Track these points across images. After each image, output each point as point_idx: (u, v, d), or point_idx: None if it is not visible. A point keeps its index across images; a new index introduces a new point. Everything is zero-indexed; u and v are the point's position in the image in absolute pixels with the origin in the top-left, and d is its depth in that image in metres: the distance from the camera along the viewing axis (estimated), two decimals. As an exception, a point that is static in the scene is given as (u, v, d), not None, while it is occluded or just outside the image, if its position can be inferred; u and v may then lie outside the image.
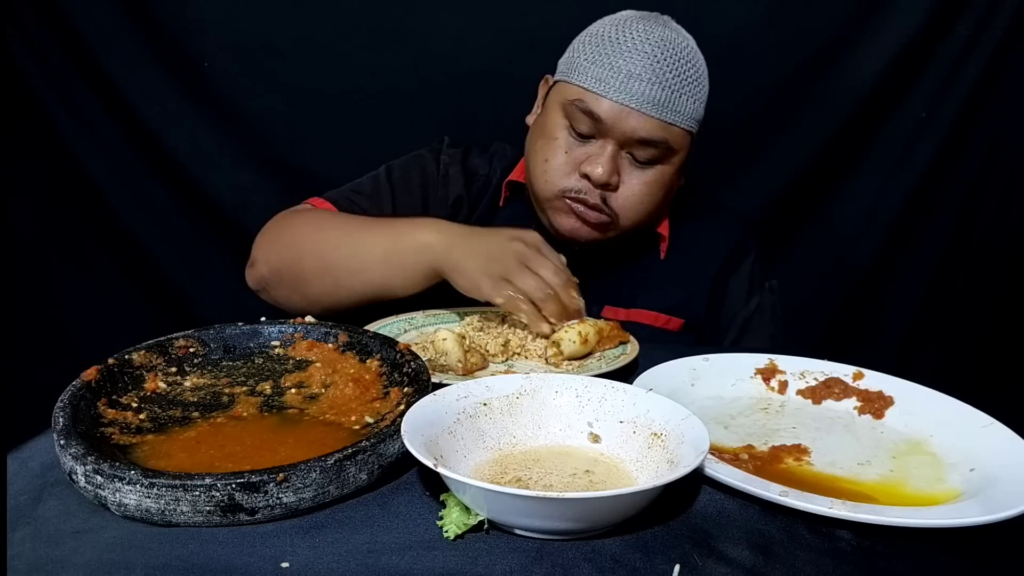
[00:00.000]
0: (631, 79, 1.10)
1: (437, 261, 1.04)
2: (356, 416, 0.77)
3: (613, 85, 1.11)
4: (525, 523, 0.60)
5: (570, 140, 1.16)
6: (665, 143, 1.13)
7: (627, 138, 1.13)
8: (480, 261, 1.02)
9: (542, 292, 1.00)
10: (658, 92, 1.11)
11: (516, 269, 1.00)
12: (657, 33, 1.13)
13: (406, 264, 1.06)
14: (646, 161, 1.15)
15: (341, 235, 1.12)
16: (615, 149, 1.14)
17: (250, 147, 1.70)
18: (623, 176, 1.15)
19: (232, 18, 1.62)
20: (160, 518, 0.61)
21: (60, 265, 1.70)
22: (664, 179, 1.18)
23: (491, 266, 1.01)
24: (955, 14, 1.59)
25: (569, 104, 1.15)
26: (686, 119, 1.15)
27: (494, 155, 1.37)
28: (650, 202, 1.18)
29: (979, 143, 1.67)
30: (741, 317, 1.29)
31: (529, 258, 1.01)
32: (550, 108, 1.20)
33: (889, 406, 0.88)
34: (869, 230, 1.74)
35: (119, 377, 0.79)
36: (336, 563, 0.57)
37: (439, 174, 1.33)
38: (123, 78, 1.63)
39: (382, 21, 1.63)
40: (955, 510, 0.67)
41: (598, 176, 1.13)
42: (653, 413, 0.73)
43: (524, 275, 1.00)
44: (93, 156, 1.66)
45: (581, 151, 1.16)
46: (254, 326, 0.92)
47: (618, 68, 1.11)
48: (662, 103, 1.11)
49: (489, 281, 1.01)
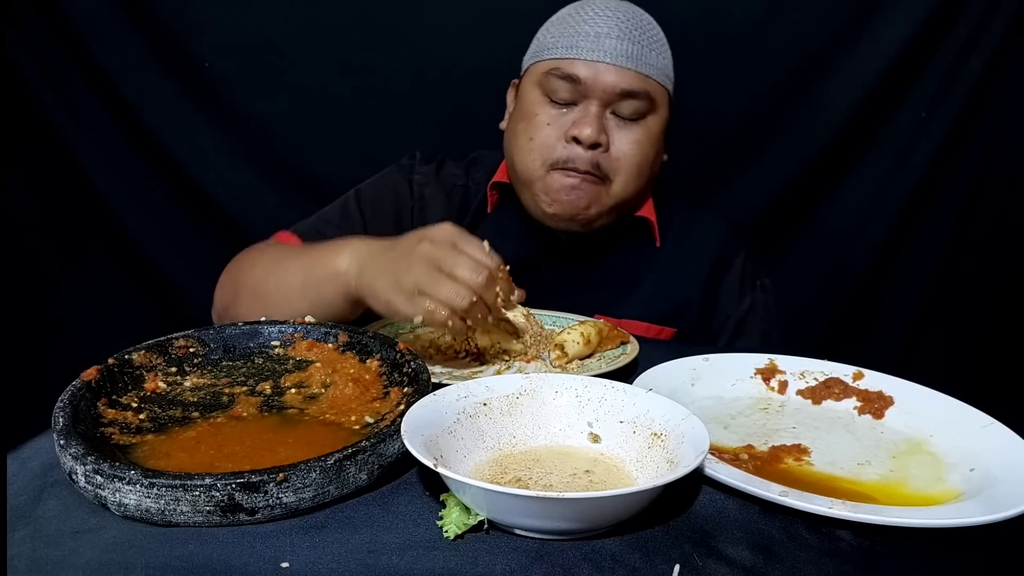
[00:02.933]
0: (600, 38, 1.14)
1: (350, 288, 0.95)
2: (356, 416, 0.77)
3: (585, 47, 1.14)
4: (525, 523, 0.60)
5: (552, 113, 1.17)
6: (647, 94, 1.15)
7: (608, 93, 1.14)
8: (388, 278, 0.89)
9: (462, 298, 0.85)
10: (628, 46, 1.14)
11: (428, 276, 0.86)
12: (615, 3, 1.19)
13: (324, 295, 0.98)
14: (632, 116, 1.16)
15: (270, 268, 1.08)
16: (599, 108, 1.15)
17: (250, 147, 1.70)
18: (611, 136, 1.16)
19: (232, 18, 1.62)
20: (160, 518, 0.60)
21: (60, 265, 1.70)
22: (652, 137, 1.18)
23: (401, 279, 0.87)
24: (955, 14, 1.59)
25: (544, 76, 1.16)
26: (659, 73, 1.17)
27: (472, 163, 1.35)
28: (640, 160, 1.18)
29: (979, 143, 1.67)
30: (733, 319, 1.28)
31: (441, 259, 0.86)
32: (524, 93, 1.21)
33: (889, 406, 0.88)
34: (869, 230, 1.74)
35: (119, 377, 0.79)
36: (336, 563, 0.57)
37: (413, 197, 1.30)
38: (123, 78, 1.63)
39: (382, 21, 1.63)
40: (955, 510, 0.67)
41: (587, 136, 1.13)
42: (653, 413, 0.73)
43: (438, 282, 0.85)
44: (93, 156, 1.67)
45: (566, 119, 1.16)
46: (254, 326, 0.91)
47: (586, 32, 1.15)
48: (635, 55, 1.14)
49: (402, 297, 0.87)
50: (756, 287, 1.31)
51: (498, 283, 0.89)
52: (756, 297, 1.30)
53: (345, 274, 0.95)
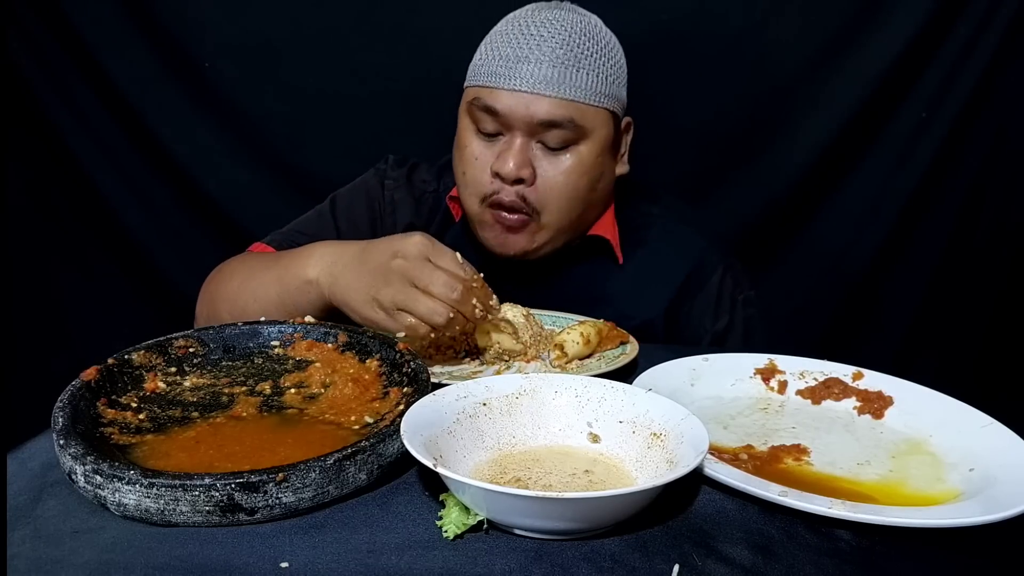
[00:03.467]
0: (519, 63, 1.07)
1: (324, 298, 0.96)
2: (356, 416, 0.77)
3: (503, 74, 1.08)
4: (524, 523, 0.60)
5: (480, 145, 1.13)
6: (571, 122, 1.08)
7: (529, 125, 1.09)
8: (363, 294, 0.89)
9: (439, 315, 0.86)
10: (548, 70, 1.07)
11: (404, 293, 0.86)
12: (548, 16, 1.10)
13: (300, 304, 0.98)
14: (559, 146, 1.10)
15: (244, 281, 1.07)
16: (523, 140, 1.10)
17: (250, 147, 1.70)
18: (537, 168, 1.11)
19: (232, 18, 1.62)
20: (159, 518, 0.60)
21: (59, 265, 1.70)
22: (584, 164, 1.12)
23: (378, 295, 0.88)
24: (955, 14, 1.59)
25: (470, 106, 1.13)
26: (591, 94, 1.09)
27: (444, 167, 1.32)
28: (571, 191, 1.12)
29: (980, 143, 1.67)
30: (708, 339, 1.22)
31: (416, 275, 0.86)
32: (460, 119, 1.18)
33: (889, 406, 0.88)
34: (869, 230, 1.74)
35: (119, 377, 0.79)
36: (336, 563, 0.57)
37: (385, 201, 1.29)
38: (123, 78, 1.63)
39: (382, 21, 1.63)
40: (955, 510, 0.67)
41: (508, 171, 1.09)
42: (652, 413, 0.73)
43: (415, 300, 0.86)
44: (93, 156, 1.67)
45: (491, 151, 1.12)
46: (254, 326, 0.92)
47: (506, 56, 1.09)
48: (556, 80, 1.07)
49: (381, 313, 0.88)
50: (737, 303, 1.24)
51: (474, 294, 0.89)
52: (736, 314, 1.23)
53: (316, 283, 0.96)
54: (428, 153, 1.38)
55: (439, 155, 1.36)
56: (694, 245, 1.26)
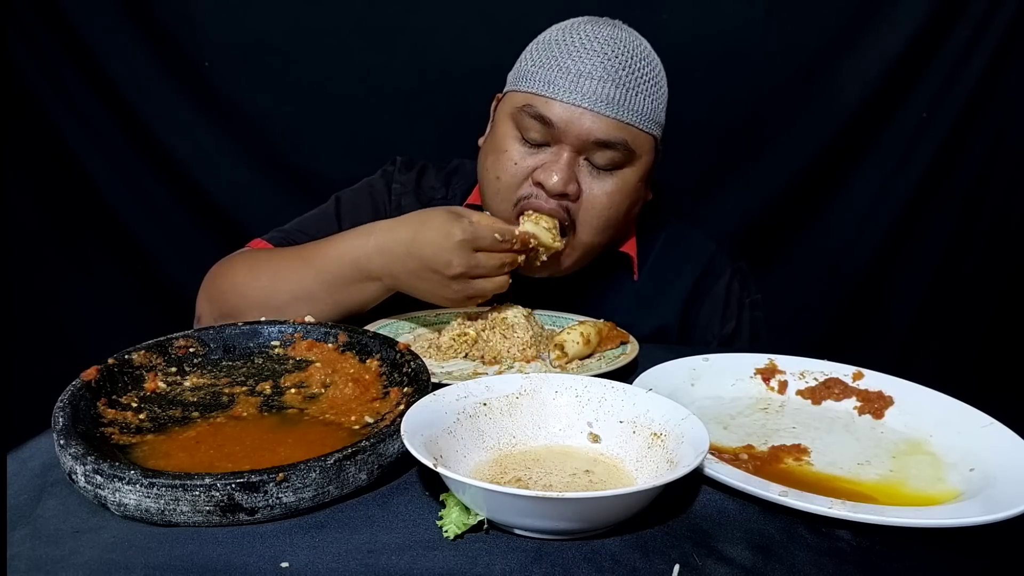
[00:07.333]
0: (581, 78, 1.05)
1: (390, 290, 1.05)
2: (356, 416, 0.77)
3: (563, 86, 1.05)
4: (525, 523, 0.60)
5: (521, 151, 1.10)
6: (624, 144, 1.07)
7: (582, 141, 1.06)
8: (431, 295, 1.03)
9: (504, 284, 1.02)
10: (611, 89, 1.05)
11: (466, 287, 1.00)
12: (606, 32, 1.08)
13: (362, 298, 1.06)
14: (606, 167, 1.08)
15: (274, 275, 1.07)
16: (571, 155, 1.07)
17: (250, 147, 1.71)
18: (583, 185, 1.08)
19: (232, 18, 1.62)
20: (160, 518, 0.60)
21: (60, 265, 1.70)
22: (628, 187, 1.10)
23: (446, 293, 1.01)
24: (955, 15, 1.59)
25: (518, 112, 1.08)
26: (644, 119, 1.08)
27: (452, 173, 1.30)
28: (613, 214, 1.11)
29: (980, 143, 1.67)
30: (715, 342, 1.23)
31: (470, 269, 0.98)
32: (499, 121, 1.14)
33: (889, 406, 0.88)
34: (870, 230, 1.74)
35: (119, 377, 0.79)
36: (336, 563, 0.57)
37: (391, 205, 1.27)
38: (123, 78, 1.63)
39: (382, 21, 1.63)
40: (955, 510, 0.67)
41: (553, 185, 1.06)
42: (653, 413, 0.73)
43: (479, 287, 1.01)
44: (93, 156, 1.67)
45: (534, 160, 1.09)
46: (254, 326, 0.92)
47: (567, 68, 1.06)
48: (616, 101, 1.05)
49: (455, 304, 1.05)
50: (744, 306, 1.25)
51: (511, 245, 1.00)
52: (743, 317, 1.24)
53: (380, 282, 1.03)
54: (427, 153, 1.38)
55: (438, 155, 1.36)
56: (704, 249, 1.27)
